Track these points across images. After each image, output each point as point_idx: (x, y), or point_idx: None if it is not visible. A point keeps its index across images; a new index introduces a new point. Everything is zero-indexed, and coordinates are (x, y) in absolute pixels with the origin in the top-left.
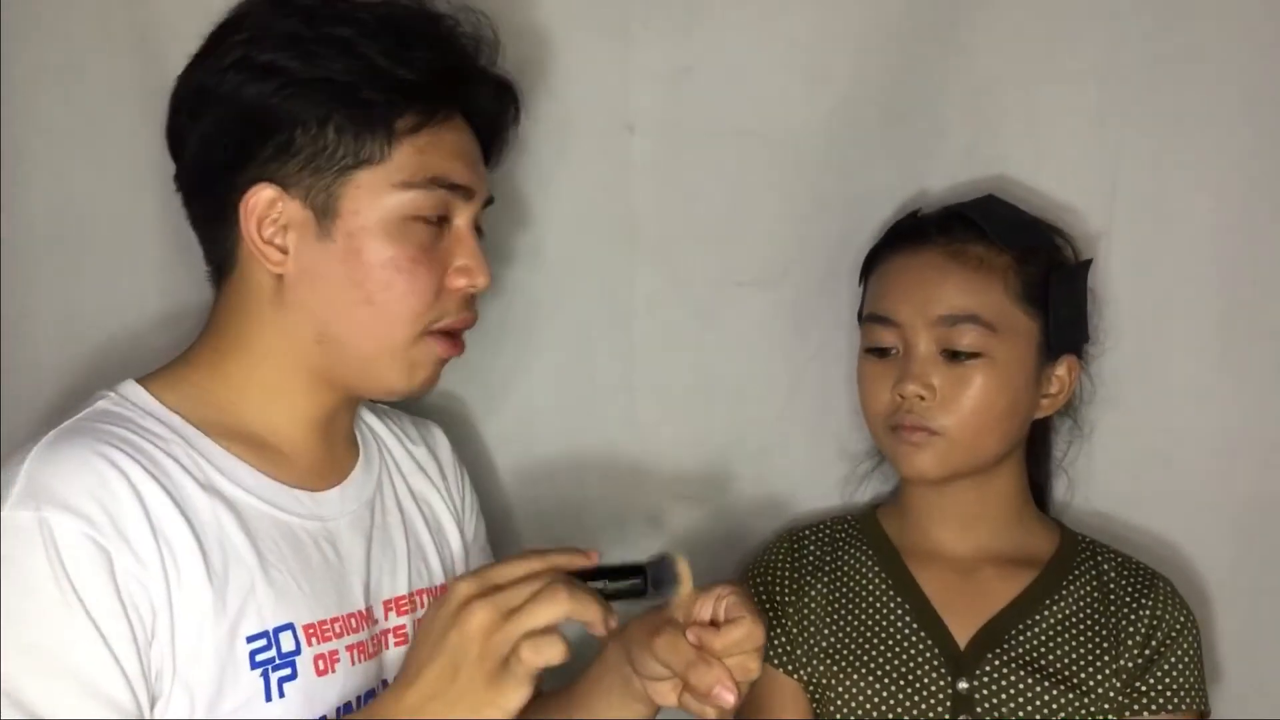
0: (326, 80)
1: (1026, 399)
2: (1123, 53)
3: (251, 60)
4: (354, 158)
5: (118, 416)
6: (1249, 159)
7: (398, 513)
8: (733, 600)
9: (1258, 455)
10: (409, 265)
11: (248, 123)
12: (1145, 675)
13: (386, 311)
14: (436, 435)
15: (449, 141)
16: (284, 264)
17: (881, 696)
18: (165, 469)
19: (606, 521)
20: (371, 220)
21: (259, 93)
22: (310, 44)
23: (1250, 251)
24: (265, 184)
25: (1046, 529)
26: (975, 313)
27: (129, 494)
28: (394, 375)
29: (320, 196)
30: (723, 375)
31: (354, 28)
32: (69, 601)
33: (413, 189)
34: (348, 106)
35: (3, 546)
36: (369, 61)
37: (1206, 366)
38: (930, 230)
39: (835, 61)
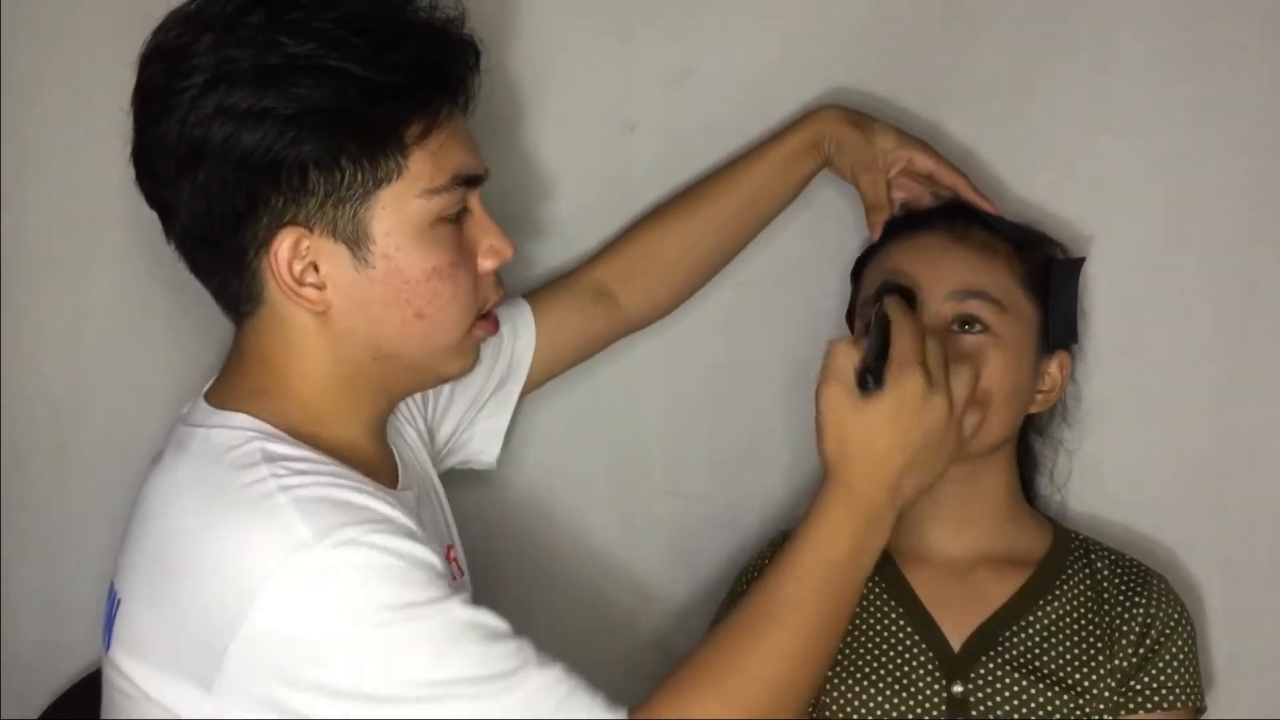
0: (319, 111)
1: (1027, 387)
2: (1120, 55)
3: (234, 107)
4: (373, 180)
5: (292, 458)
6: (1246, 161)
7: (430, 487)
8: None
9: (1254, 457)
10: (450, 270)
11: (253, 173)
12: (1140, 673)
13: (439, 319)
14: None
15: (453, 133)
16: (323, 300)
17: (876, 701)
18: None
19: (606, 521)
20: (405, 236)
21: (257, 141)
22: (284, 74)
23: (1248, 253)
24: (288, 228)
25: (1039, 527)
26: (985, 289)
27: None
28: (449, 369)
29: (348, 227)
30: (722, 375)
31: (319, 42)
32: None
33: (438, 194)
34: (353, 133)
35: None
36: (353, 78)
37: (1200, 369)
38: (933, 218)
39: (835, 62)
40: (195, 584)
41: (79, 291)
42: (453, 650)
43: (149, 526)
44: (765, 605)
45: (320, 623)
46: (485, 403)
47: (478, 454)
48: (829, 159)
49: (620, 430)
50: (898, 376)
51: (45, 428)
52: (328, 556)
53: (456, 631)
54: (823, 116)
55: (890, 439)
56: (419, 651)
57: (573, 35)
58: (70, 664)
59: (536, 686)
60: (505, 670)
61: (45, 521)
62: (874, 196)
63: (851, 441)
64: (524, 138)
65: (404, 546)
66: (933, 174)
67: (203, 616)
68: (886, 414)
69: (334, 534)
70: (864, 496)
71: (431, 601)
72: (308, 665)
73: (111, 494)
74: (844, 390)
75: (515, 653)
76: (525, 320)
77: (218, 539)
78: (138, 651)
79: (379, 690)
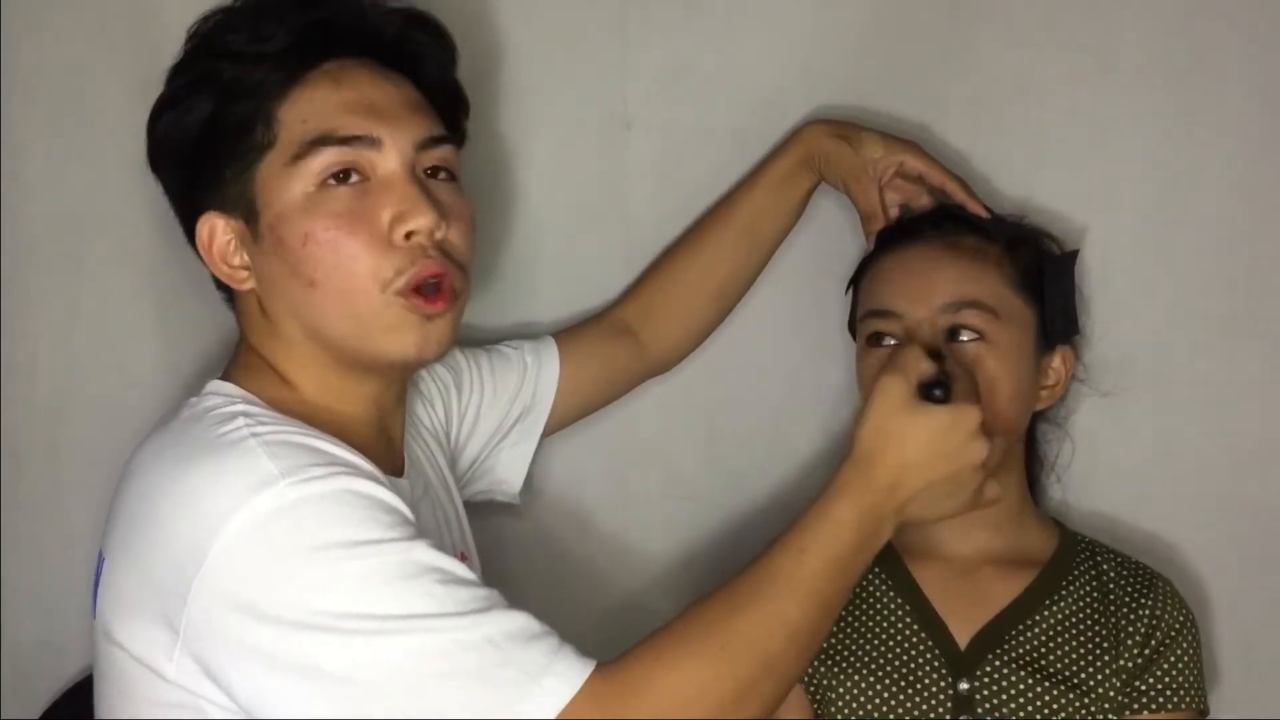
0: (198, 82)
1: (1029, 387)
2: (1120, 56)
3: (164, 98)
4: (253, 151)
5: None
6: (1246, 161)
7: (444, 494)
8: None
9: (1257, 456)
10: (328, 236)
11: (167, 158)
12: (1145, 675)
13: (332, 287)
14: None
15: (332, 98)
16: (248, 280)
17: (882, 698)
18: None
19: (606, 521)
20: (284, 205)
21: (172, 124)
22: (192, 59)
23: (1248, 253)
24: (208, 213)
25: (1046, 529)
26: (977, 298)
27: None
28: (382, 345)
29: (241, 203)
30: (721, 374)
31: (217, 26)
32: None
33: (303, 158)
34: (222, 101)
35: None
36: (228, 51)
37: (1205, 367)
38: (922, 226)
39: (833, 59)
40: (165, 526)
41: (75, 292)
42: (415, 587)
43: (130, 486)
44: (763, 575)
45: (282, 556)
46: (510, 430)
47: (501, 482)
48: (821, 173)
49: (619, 433)
50: (962, 402)
51: (41, 428)
52: (292, 492)
53: (419, 571)
54: (808, 133)
55: (925, 453)
56: (380, 587)
57: (569, 33)
58: (70, 664)
59: (504, 629)
60: (471, 609)
61: (43, 521)
62: (866, 205)
63: (890, 436)
64: (520, 134)
65: (368, 488)
66: (923, 175)
67: (171, 557)
68: (935, 428)
69: (300, 472)
70: (876, 494)
71: (394, 540)
72: (266, 597)
73: (108, 494)
74: (906, 387)
75: (484, 597)
76: (550, 353)
77: (187, 481)
78: (117, 606)
79: (338, 624)
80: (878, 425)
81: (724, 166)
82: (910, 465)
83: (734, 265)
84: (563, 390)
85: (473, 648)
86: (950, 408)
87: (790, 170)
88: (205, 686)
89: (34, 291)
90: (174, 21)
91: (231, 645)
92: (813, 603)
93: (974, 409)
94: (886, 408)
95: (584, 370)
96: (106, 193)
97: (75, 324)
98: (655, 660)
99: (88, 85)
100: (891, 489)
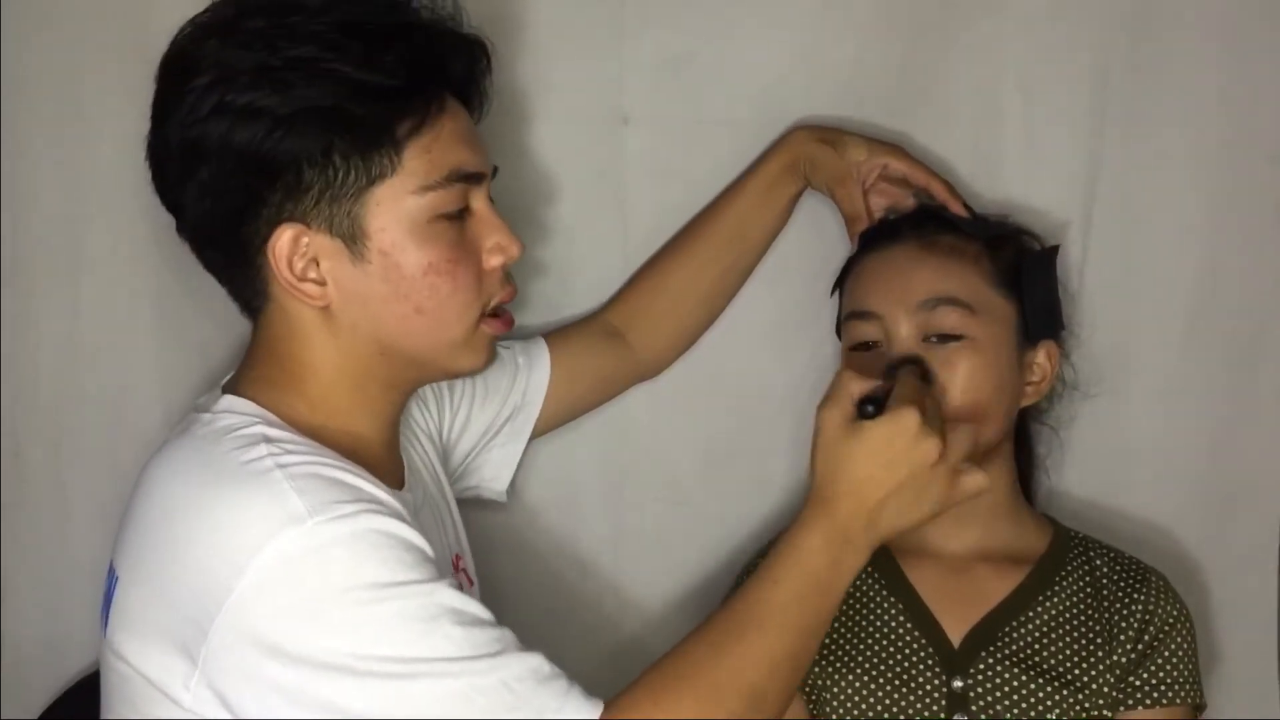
0: (312, 110)
1: (1012, 383)
2: (1110, 56)
3: (230, 105)
4: (366, 177)
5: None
6: (1230, 159)
7: (439, 495)
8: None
9: (1249, 443)
10: (448, 267)
11: (249, 169)
12: (1139, 670)
13: (439, 315)
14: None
15: (451, 130)
16: (325, 295)
17: (876, 696)
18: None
19: (602, 523)
20: (401, 232)
21: (250, 137)
22: (280, 74)
23: (1229, 246)
24: (285, 224)
25: (1038, 525)
26: (954, 295)
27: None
28: (458, 364)
29: (344, 223)
30: (718, 373)
31: (316, 44)
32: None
33: (432, 190)
34: (344, 131)
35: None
36: (345, 78)
37: (1192, 358)
38: (901, 227)
39: (832, 53)
40: (187, 554)
41: (76, 291)
42: (435, 630)
43: (148, 503)
44: (743, 611)
45: (310, 597)
46: (500, 429)
47: (489, 481)
48: (807, 179)
49: (611, 437)
50: (894, 411)
51: (43, 427)
52: (320, 531)
53: (440, 613)
54: (793, 139)
55: (873, 467)
56: (402, 629)
57: (565, 26)
58: (70, 663)
59: (517, 672)
60: (487, 653)
61: (44, 521)
62: (851, 209)
63: (838, 462)
64: (516, 129)
65: (394, 527)
66: (907, 177)
67: (192, 586)
68: (876, 442)
69: (327, 510)
70: (841, 518)
71: (417, 582)
72: (292, 638)
73: (110, 493)
74: (842, 414)
75: (497, 639)
76: (541, 354)
77: (211, 510)
78: (131, 627)
79: (361, 665)
80: (824, 456)
81: (721, 161)
82: (863, 483)
83: (721, 270)
84: (553, 392)
85: (490, 691)
86: (885, 418)
87: (776, 176)
88: (221, 716)
89: (35, 290)
90: (174, 22)
91: (254, 680)
92: (792, 633)
93: (908, 411)
94: (827, 437)
95: (574, 372)
96: (106, 193)
97: (76, 323)
98: (654, 704)
99: (88, 85)
100: (854, 511)
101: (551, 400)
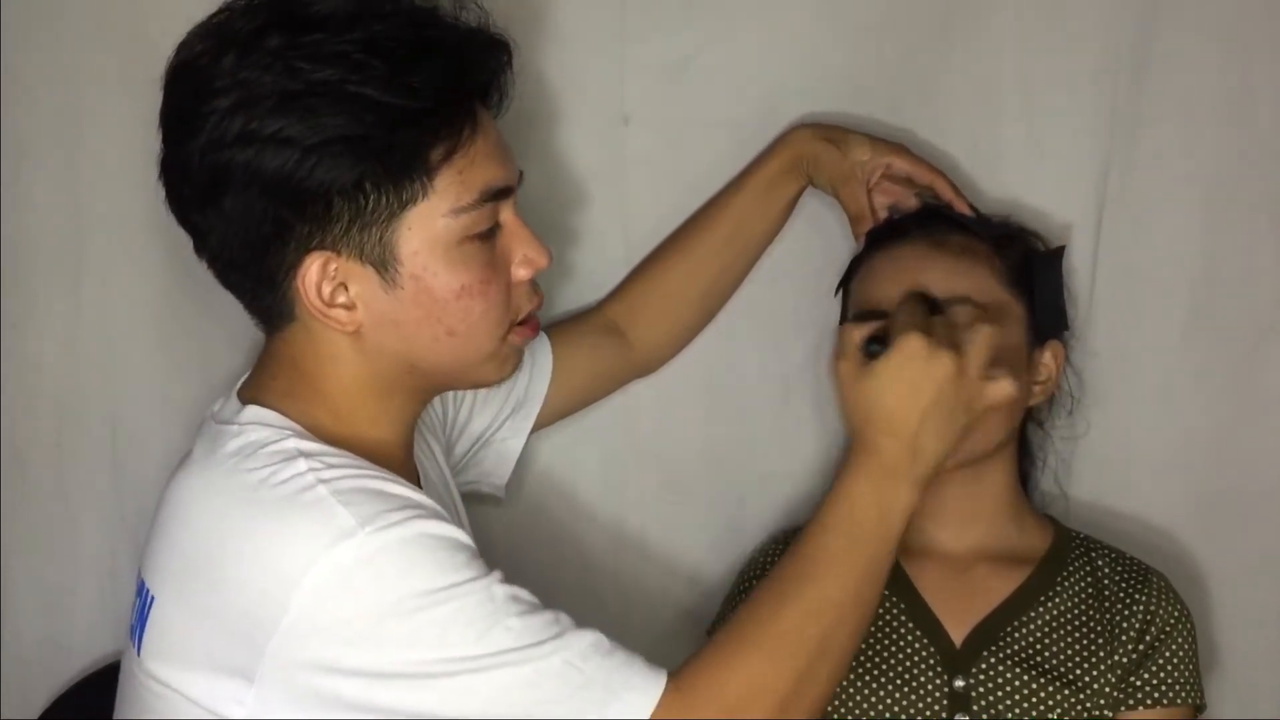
0: (341, 139)
1: (1021, 383)
2: (1116, 56)
3: (256, 132)
4: (398, 203)
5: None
6: (1234, 159)
7: (445, 493)
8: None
9: (1252, 446)
10: (481, 288)
11: (276, 199)
12: (1140, 670)
13: (471, 335)
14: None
15: (483, 148)
16: (354, 320)
17: (879, 695)
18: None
19: (602, 522)
20: (432, 256)
21: (279, 166)
22: (304, 100)
23: (1231, 247)
24: (315, 253)
25: (1040, 525)
26: (967, 294)
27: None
28: (488, 376)
29: (375, 249)
30: (719, 372)
31: (339, 66)
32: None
33: (465, 212)
34: (375, 160)
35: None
36: (373, 103)
37: (1195, 358)
38: (909, 226)
39: (833, 55)
40: (236, 576)
41: (78, 291)
42: (496, 625)
43: (184, 523)
44: (799, 564)
45: (366, 607)
46: (501, 425)
47: (489, 476)
48: (810, 177)
49: (615, 431)
50: (898, 338)
51: (45, 427)
52: (371, 542)
53: (498, 607)
54: (796, 137)
55: (897, 395)
56: (464, 629)
57: (567, 27)
58: (71, 663)
59: (580, 650)
60: (548, 635)
61: (45, 521)
62: (855, 207)
63: (863, 404)
64: (516, 131)
65: (441, 529)
66: (910, 176)
67: (244, 609)
68: (891, 372)
69: (376, 520)
70: (881, 455)
71: (472, 580)
72: (354, 651)
73: (110, 493)
74: (852, 361)
75: (554, 621)
76: (543, 350)
77: (259, 530)
78: (173, 651)
79: (429, 668)
80: (851, 405)
81: (722, 161)
82: (893, 415)
83: (720, 267)
84: (554, 387)
85: (556, 674)
86: (891, 350)
87: (778, 174)
88: None
89: (36, 291)
90: (174, 22)
91: (318, 695)
92: (851, 578)
93: (911, 336)
94: (846, 387)
95: (574, 367)
96: (107, 193)
97: (77, 323)
98: (720, 663)
99: (88, 86)
100: (894, 446)
101: (552, 396)
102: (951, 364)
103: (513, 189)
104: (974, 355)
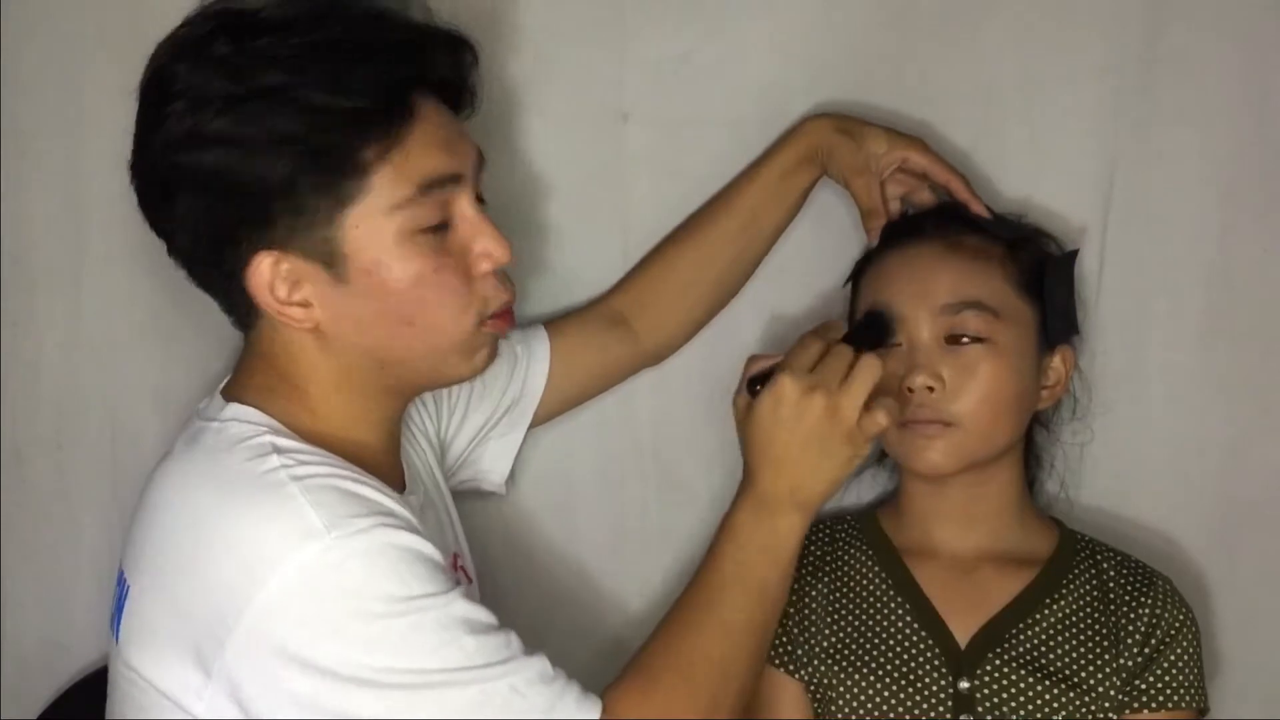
0: (279, 140)
1: (1031, 388)
2: (1123, 53)
3: (201, 134)
4: (337, 203)
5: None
6: (1245, 158)
7: (437, 494)
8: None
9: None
10: (434, 278)
11: (220, 198)
12: (1145, 673)
13: (430, 325)
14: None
15: (420, 139)
16: (311, 317)
17: (883, 696)
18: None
19: (602, 521)
20: (380, 250)
21: (219, 166)
22: (249, 103)
23: (1241, 251)
24: (263, 252)
25: (1045, 528)
26: (978, 299)
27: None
28: (460, 369)
29: (322, 248)
30: (719, 372)
31: (283, 71)
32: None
33: (406, 207)
34: (309, 160)
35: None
36: (310, 106)
37: (1204, 363)
38: (925, 225)
39: (833, 52)
40: (204, 568)
41: (77, 292)
42: (450, 642)
43: (160, 514)
44: (697, 592)
45: (326, 610)
46: (498, 421)
47: (487, 472)
48: (824, 168)
49: (614, 431)
50: (772, 381)
51: (45, 427)
52: (338, 547)
53: (454, 624)
54: (813, 127)
55: (770, 435)
56: (418, 643)
57: (565, 24)
58: (71, 663)
59: (526, 676)
60: (498, 659)
61: (45, 521)
62: (868, 201)
63: (747, 442)
64: (515, 128)
65: (407, 540)
66: (927, 172)
67: (209, 600)
68: (764, 413)
69: (343, 525)
70: (762, 486)
71: (432, 595)
72: (309, 651)
73: (110, 493)
74: (743, 399)
75: (506, 645)
76: (541, 344)
77: (228, 525)
78: (144, 639)
79: (377, 677)
80: (740, 438)
81: (722, 159)
82: (770, 450)
83: (732, 257)
84: (553, 381)
85: (501, 698)
86: (766, 390)
87: (793, 164)
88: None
89: (36, 290)
90: (173, 23)
91: (272, 692)
92: (743, 602)
93: (781, 379)
94: (737, 423)
95: (576, 360)
96: (106, 194)
97: (77, 322)
98: (640, 692)
99: (88, 86)
100: (771, 478)
101: (551, 390)
102: (821, 404)
103: (461, 177)
104: (851, 393)
